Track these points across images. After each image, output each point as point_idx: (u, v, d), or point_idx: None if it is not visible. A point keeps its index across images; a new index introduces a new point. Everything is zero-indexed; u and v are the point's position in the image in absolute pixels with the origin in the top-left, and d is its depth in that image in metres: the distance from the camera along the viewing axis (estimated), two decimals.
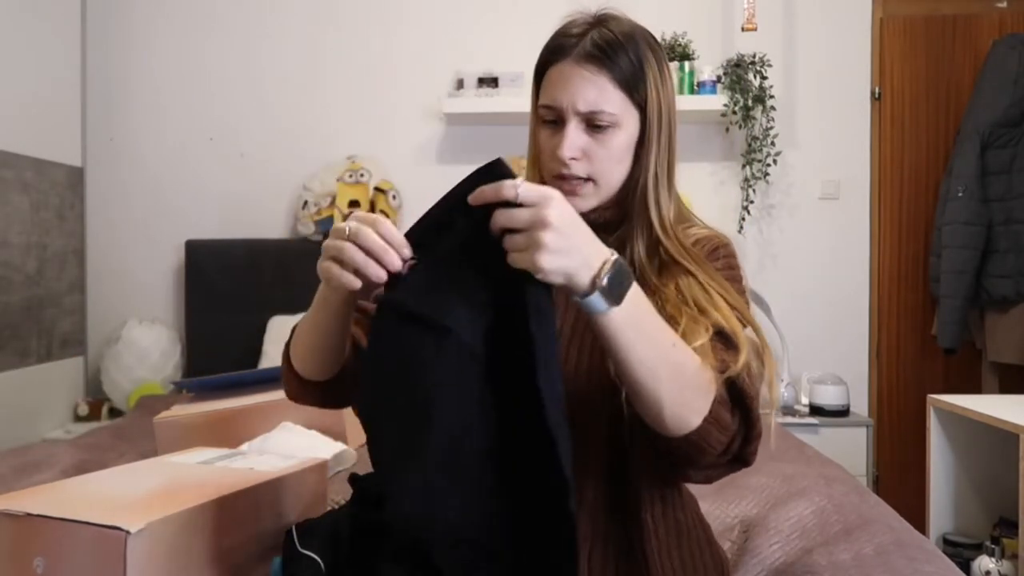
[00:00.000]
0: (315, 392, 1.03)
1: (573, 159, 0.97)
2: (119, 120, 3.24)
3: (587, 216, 0.95)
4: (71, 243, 3.10)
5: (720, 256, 1.02)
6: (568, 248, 0.74)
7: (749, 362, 0.86)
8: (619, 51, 0.96)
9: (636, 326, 0.79)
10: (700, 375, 0.83)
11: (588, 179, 0.98)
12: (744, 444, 0.88)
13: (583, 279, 0.75)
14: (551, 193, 0.75)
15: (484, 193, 0.78)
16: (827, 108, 3.18)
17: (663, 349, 0.81)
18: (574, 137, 0.97)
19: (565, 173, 0.98)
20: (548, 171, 1.01)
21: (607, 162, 0.98)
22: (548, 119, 1.00)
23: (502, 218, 0.76)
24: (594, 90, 0.95)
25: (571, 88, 0.96)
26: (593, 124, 0.96)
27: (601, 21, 0.99)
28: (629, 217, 1.01)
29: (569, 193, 0.98)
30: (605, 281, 0.75)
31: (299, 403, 1.07)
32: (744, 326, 0.92)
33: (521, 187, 0.76)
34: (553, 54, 0.99)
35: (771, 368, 0.92)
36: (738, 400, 0.86)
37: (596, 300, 0.76)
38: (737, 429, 0.87)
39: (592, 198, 1.00)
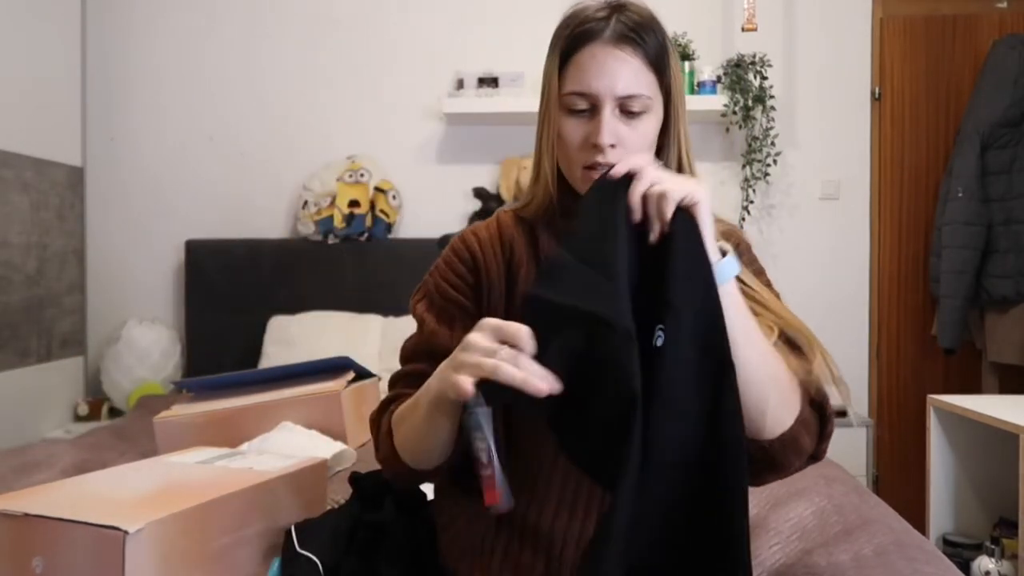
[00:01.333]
0: (433, 474, 0.99)
1: (612, 146, 0.93)
2: (119, 120, 3.24)
3: None
4: (71, 243, 3.10)
5: (743, 252, 1.00)
6: None
7: (822, 360, 0.86)
8: (648, 32, 0.94)
9: (745, 309, 0.80)
10: (789, 371, 0.83)
11: None
12: (819, 442, 0.89)
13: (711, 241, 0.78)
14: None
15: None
16: (827, 108, 3.18)
17: (765, 340, 0.80)
18: (612, 123, 0.93)
19: (599, 161, 0.94)
20: (576, 162, 0.97)
21: (639, 145, 0.95)
22: (578, 108, 0.95)
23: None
24: (630, 72, 0.92)
25: (607, 71, 0.92)
26: (626, 110, 0.94)
27: (621, 5, 0.96)
28: None
29: None
30: (725, 241, 0.80)
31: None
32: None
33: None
34: (580, 39, 0.94)
35: (831, 361, 0.88)
36: (814, 400, 0.87)
37: (731, 260, 0.79)
38: (816, 428, 0.87)
39: None
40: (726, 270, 0.78)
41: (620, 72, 0.92)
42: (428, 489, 1.16)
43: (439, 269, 1.06)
